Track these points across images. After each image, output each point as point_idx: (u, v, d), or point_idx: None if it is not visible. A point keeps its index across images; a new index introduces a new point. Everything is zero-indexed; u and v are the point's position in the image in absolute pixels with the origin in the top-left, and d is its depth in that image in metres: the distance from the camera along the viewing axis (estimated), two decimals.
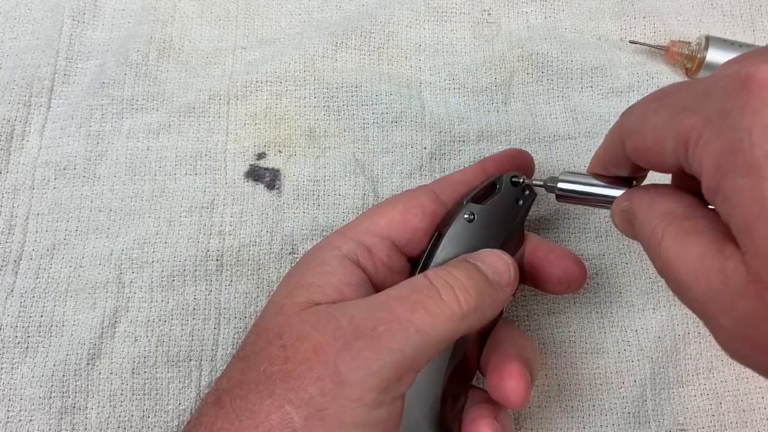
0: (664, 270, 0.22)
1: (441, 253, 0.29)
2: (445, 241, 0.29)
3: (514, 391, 0.27)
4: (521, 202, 0.32)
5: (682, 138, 0.20)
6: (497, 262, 0.28)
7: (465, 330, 0.26)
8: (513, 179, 0.32)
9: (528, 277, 0.32)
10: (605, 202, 0.28)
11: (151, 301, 0.36)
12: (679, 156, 0.21)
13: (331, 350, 0.24)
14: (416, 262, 0.31)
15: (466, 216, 0.30)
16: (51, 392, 0.34)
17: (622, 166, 0.26)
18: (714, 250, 0.19)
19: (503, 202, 0.31)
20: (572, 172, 0.29)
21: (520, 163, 0.33)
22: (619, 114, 0.40)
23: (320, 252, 0.29)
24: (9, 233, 0.37)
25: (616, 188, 0.28)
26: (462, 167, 0.39)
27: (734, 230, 0.18)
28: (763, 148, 0.17)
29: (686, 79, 0.41)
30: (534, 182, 0.31)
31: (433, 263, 0.29)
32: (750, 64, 0.18)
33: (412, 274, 0.30)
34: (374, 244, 0.29)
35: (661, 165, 0.22)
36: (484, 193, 0.31)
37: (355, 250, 0.29)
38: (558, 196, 0.30)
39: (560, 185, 0.29)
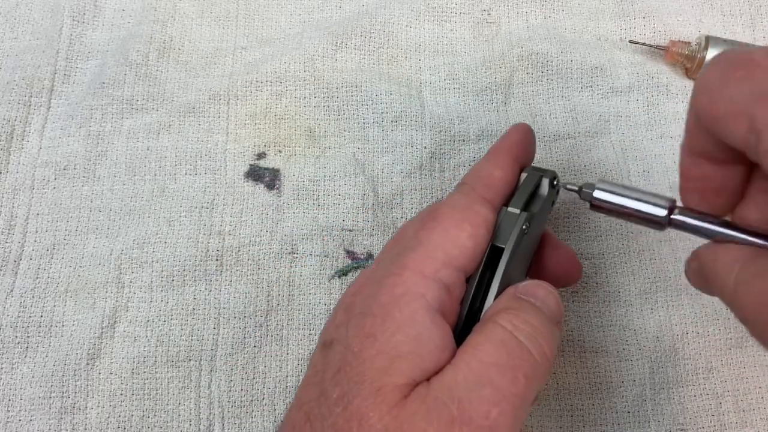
0: (743, 313, 0.21)
1: (504, 271, 0.27)
2: (507, 257, 0.27)
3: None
4: (554, 203, 0.31)
5: (760, 125, 0.19)
6: (550, 300, 0.27)
7: None
8: (555, 183, 0.30)
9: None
10: (642, 218, 0.26)
11: (151, 301, 0.36)
12: (749, 141, 0.20)
13: None
14: (473, 279, 0.28)
15: (524, 227, 0.28)
16: (51, 392, 0.34)
17: (707, 144, 0.24)
18: None
19: (546, 206, 0.30)
20: (609, 181, 0.27)
21: (531, 140, 0.32)
22: (619, 114, 0.40)
23: (403, 305, 0.25)
24: (9, 233, 0.37)
25: (654, 205, 0.26)
26: (463, 167, 0.39)
27: None
28: None
29: (686, 79, 0.41)
30: (569, 187, 0.29)
31: (497, 282, 0.27)
32: None
33: (468, 291, 0.28)
34: (453, 282, 0.26)
35: (726, 137, 0.21)
36: (529, 197, 0.29)
37: (439, 296, 0.25)
38: (592, 206, 0.28)
39: (596, 194, 0.27)
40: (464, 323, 0.27)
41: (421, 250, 0.26)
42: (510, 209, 0.29)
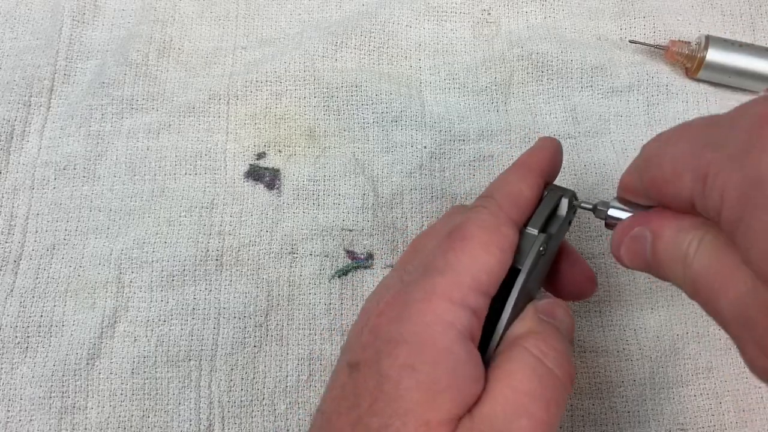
0: (697, 279, 0.22)
1: (520, 291, 0.27)
2: (523, 279, 0.27)
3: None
4: (570, 222, 0.31)
5: (701, 171, 0.20)
6: (567, 320, 0.28)
7: None
8: (573, 202, 0.30)
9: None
10: None
11: (151, 301, 0.36)
12: (695, 191, 0.21)
13: None
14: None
15: (541, 249, 0.28)
16: (51, 392, 0.34)
17: (640, 199, 0.26)
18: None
19: (563, 226, 0.30)
20: (623, 199, 0.27)
21: (560, 159, 0.31)
22: (619, 114, 0.40)
23: (438, 333, 0.24)
24: (9, 233, 0.37)
25: None
26: (463, 166, 0.39)
27: (754, 263, 0.19)
28: None
29: (686, 78, 0.41)
30: (583, 205, 0.29)
31: (511, 302, 0.27)
32: None
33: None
34: (479, 308, 0.25)
35: (675, 199, 0.22)
36: (547, 218, 0.29)
37: (469, 323, 0.25)
38: (607, 224, 0.28)
39: (611, 212, 0.27)
40: (480, 340, 0.27)
41: (450, 275, 0.25)
42: (529, 230, 0.28)
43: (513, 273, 0.27)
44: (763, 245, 0.18)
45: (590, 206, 0.29)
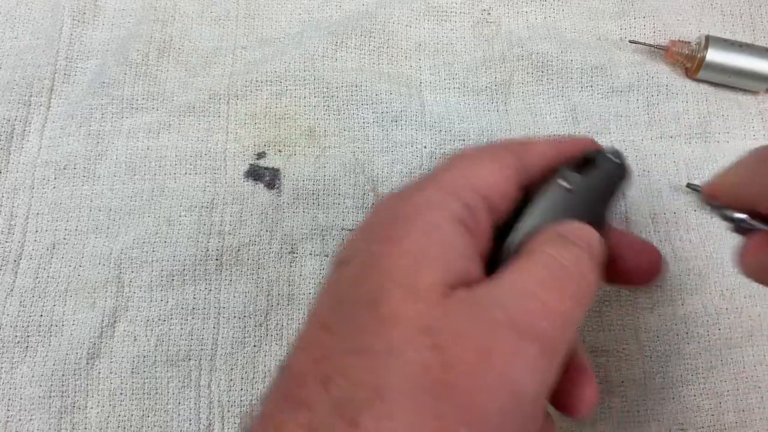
0: None
1: (530, 219, 0.25)
2: (538, 205, 0.25)
3: (589, 399, 0.25)
4: (620, 182, 0.28)
5: None
6: (591, 238, 0.25)
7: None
8: (615, 157, 0.28)
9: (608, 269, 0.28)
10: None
11: (151, 301, 0.36)
12: None
13: (500, 355, 0.19)
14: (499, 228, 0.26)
15: (562, 183, 0.26)
16: (51, 392, 0.34)
17: (732, 202, 0.25)
18: None
19: (605, 178, 0.27)
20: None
21: (582, 149, 0.29)
22: (619, 114, 0.40)
23: (425, 211, 0.23)
24: (9, 233, 0.37)
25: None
26: None
27: None
28: None
29: (686, 78, 0.41)
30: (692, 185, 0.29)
31: (521, 228, 0.25)
32: None
33: (494, 240, 0.26)
34: (475, 205, 0.24)
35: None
36: (581, 165, 0.27)
37: (461, 211, 0.23)
38: (739, 230, 0.27)
39: (749, 221, 0.27)
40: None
41: (442, 175, 0.24)
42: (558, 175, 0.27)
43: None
44: None
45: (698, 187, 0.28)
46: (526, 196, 0.26)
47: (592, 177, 0.27)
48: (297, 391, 0.20)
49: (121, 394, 0.35)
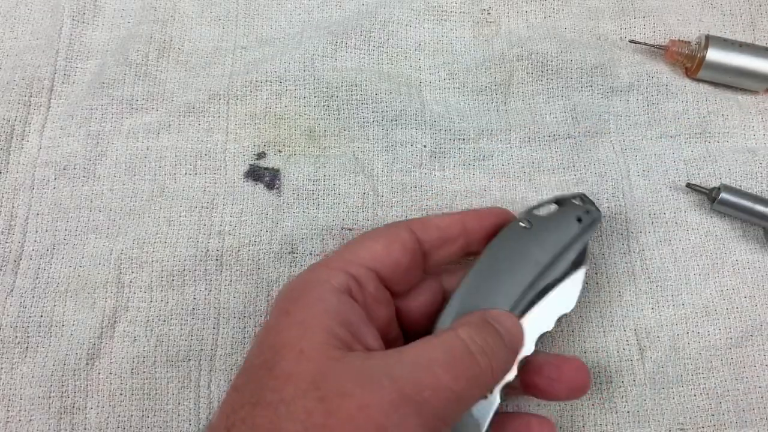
0: None
1: (487, 257, 0.28)
2: (497, 242, 0.28)
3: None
4: (582, 220, 0.30)
5: None
6: (514, 329, 0.29)
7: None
8: (581, 201, 0.30)
9: (529, 386, 0.32)
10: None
11: (151, 301, 0.36)
12: None
13: (378, 411, 0.23)
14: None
15: (521, 223, 0.28)
16: (50, 392, 0.34)
17: None
18: None
19: (564, 217, 0.30)
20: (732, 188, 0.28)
21: (501, 222, 0.32)
22: (619, 114, 0.40)
23: (312, 287, 0.27)
24: (9, 233, 0.37)
25: None
26: (463, 165, 0.39)
27: None
28: None
29: (686, 78, 0.41)
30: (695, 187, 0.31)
31: (481, 261, 0.28)
32: None
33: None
34: (361, 275, 0.28)
35: None
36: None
37: (346, 282, 0.27)
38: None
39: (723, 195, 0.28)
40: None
41: (333, 255, 0.29)
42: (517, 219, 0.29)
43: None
44: None
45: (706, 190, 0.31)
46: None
47: (550, 218, 0.29)
48: None
49: (121, 394, 0.35)
